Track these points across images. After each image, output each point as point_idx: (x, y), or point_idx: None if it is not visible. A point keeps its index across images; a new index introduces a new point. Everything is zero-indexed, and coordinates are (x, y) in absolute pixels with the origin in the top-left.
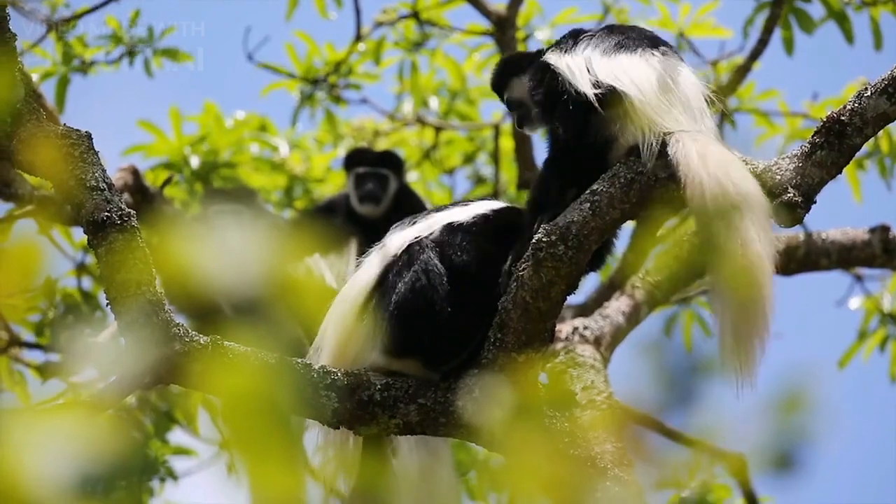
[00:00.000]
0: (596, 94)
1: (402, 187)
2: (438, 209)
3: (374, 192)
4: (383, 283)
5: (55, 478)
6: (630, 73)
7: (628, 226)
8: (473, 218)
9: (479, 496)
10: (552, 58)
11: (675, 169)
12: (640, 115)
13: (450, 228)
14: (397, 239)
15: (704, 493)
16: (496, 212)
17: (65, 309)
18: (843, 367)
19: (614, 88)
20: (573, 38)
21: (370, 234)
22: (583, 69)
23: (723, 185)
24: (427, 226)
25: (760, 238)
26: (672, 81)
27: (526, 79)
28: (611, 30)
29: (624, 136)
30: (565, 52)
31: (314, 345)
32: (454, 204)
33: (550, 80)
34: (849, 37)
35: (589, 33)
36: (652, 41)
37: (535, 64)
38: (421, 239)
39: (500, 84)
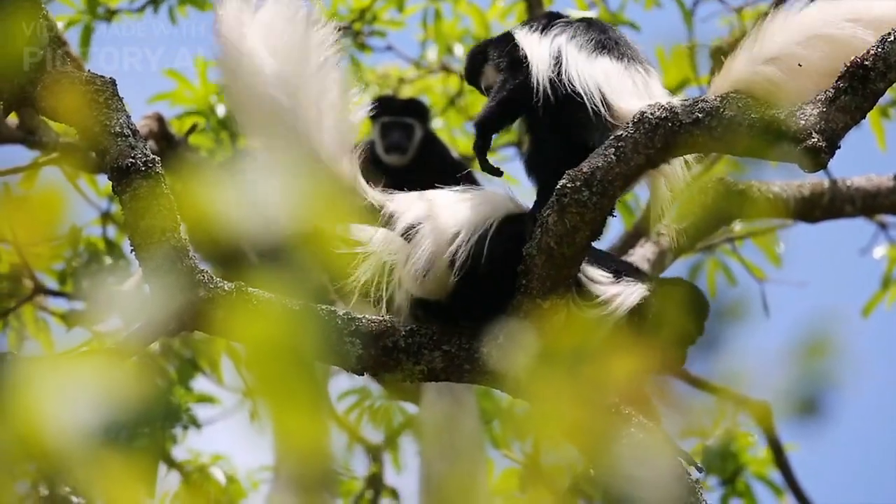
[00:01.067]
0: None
1: (428, 135)
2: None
3: (399, 141)
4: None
5: (79, 425)
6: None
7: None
8: None
9: (503, 443)
10: (521, 38)
11: None
12: None
13: None
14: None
15: (729, 441)
16: None
17: (89, 257)
18: (867, 315)
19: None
20: (548, 19)
21: (396, 182)
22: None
23: None
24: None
25: None
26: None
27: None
28: (590, 24)
29: None
30: (538, 32)
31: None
32: None
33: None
34: None
35: (565, 21)
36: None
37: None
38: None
39: (472, 76)
